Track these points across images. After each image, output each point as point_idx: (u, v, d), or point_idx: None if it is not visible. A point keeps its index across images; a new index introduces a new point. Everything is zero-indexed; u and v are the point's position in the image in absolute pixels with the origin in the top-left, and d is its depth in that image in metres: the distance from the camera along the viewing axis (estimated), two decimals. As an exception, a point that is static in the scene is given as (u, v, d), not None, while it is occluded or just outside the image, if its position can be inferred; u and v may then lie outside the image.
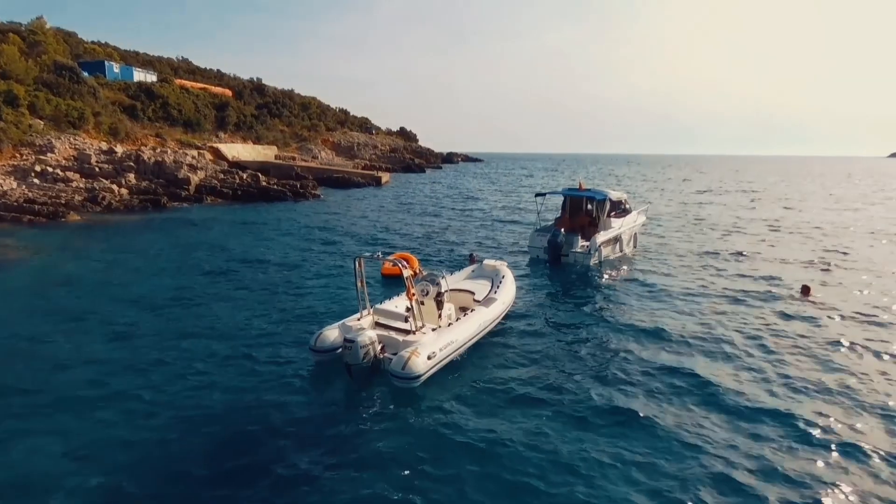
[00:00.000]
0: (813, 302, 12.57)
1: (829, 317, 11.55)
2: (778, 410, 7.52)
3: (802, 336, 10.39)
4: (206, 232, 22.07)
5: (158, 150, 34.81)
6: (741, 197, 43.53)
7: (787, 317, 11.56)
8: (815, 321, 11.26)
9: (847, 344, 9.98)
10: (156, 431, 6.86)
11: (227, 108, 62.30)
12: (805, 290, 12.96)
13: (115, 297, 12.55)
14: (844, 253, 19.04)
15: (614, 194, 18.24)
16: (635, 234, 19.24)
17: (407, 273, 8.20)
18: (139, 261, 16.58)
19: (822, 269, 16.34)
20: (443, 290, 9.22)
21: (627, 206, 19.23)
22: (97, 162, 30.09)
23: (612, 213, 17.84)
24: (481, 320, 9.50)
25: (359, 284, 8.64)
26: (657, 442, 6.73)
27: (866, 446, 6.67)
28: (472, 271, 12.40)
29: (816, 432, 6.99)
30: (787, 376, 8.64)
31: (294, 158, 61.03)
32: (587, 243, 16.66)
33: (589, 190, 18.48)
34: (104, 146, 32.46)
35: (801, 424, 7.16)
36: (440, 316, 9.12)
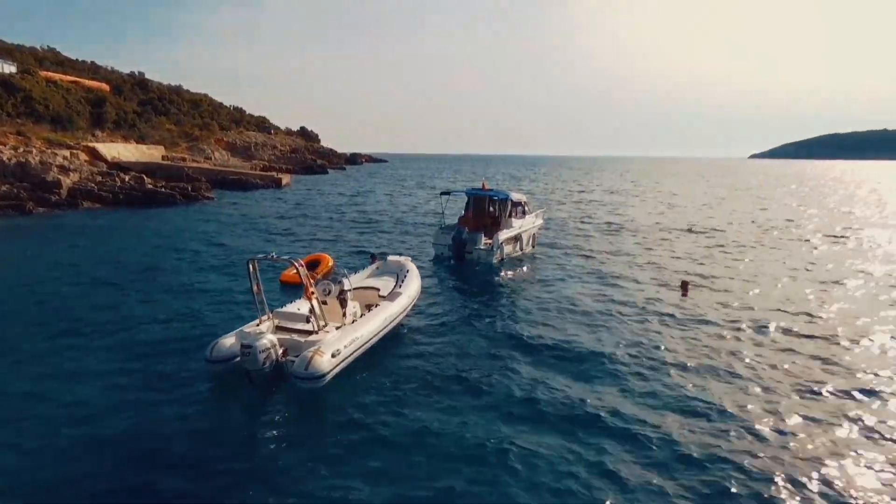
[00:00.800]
0: (692, 298, 13.61)
1: (704, 315, 12.23)
2: (645, 421, 7.41)
3: (679, 336, 10.90)
4: (80, 240, 20.02)
5: (21, 150, 31.01)
6: (626, 197, 47.03)
7: (667, 315, 12.17)
8: (692, 319, 12.00)
9: (720, 343, 10.59)
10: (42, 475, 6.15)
11: (105, 104, 56.99)
12: (684, 287, 14.10)
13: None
14: (723, 250, 20.90)
15: (515, 195, 19.00)
16: (534, 234, 20.15)
17: (304, 271, 8.01)
18: None
19: (701, 265, 17.79)
20: (346, 289, 9.16)
21: (527, 207, 20.06)
22: (-57, 163, 26.26)
23: (513, 214, 18.54)
24: (386, 315, 9.56)
25: (254, 289, 8.30)
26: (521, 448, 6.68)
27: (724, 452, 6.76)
28: (377, 268, 12.45)
29: (686, 441, 6.93)
30: (665, 383, 8.70)
31: (184, 159, 57.08)
32: (490, 241, 17.20)
33: (492, 190, 19.09)
34: (-49, 145, 28.41)
35: (673, 436, 7.04)
36: (344, 314, 9.06)
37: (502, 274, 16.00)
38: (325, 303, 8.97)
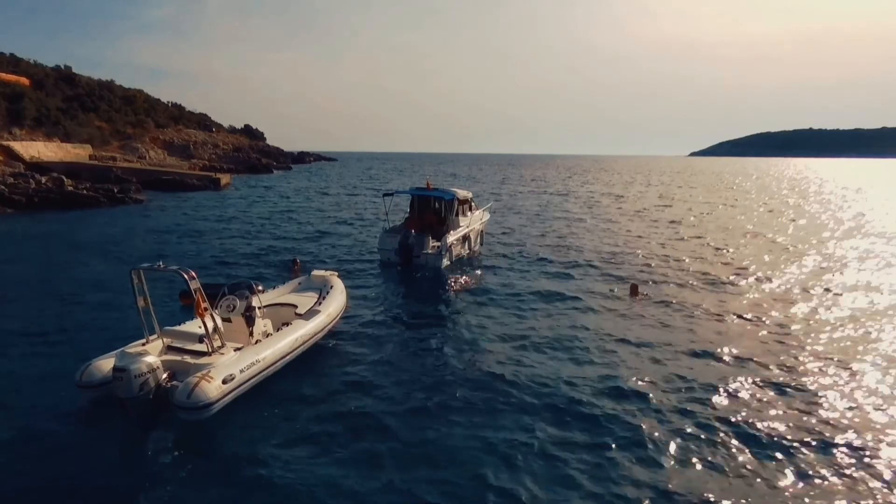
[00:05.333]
0: (642, 300, 13.14)
1: (656, 317, 11.85)
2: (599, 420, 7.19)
3: (631, 340, 10.39)
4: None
5: (-83, 149, 27.88)
6: (571, 195, 47.26)
7: (618, 318, 11.70)
8: (644, 320, 11.60)
9: (678, 347, 10.14)
10: None
11: (23, 100, 52.79)
12: (634, 290, 13.64)
13: None
14: (669, 246, 20.78)
15: (461, 193, 18.19)
16: (481, 231, 19.45)
17: (195, 284, 6.90)
18: None
19: (648, 266, 17.23)
20: (254, 305, 8.05)
21: (473, 204, 19.32)
22: None
23: (459, 213, 17.74)
24: (297, 335, 8.43)
25: (140, 303, 7.14)
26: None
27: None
28: (300, 283, 11.25)
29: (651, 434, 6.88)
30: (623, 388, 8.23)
31: (114, 159, 53.64)
32: (438, 244, 16.33)
33: (437, 189, 18.20)
34: None
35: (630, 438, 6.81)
36: (251, 334, 7.94)
37: (451, 279, 15.07)
38: (228, 320, 7.90)
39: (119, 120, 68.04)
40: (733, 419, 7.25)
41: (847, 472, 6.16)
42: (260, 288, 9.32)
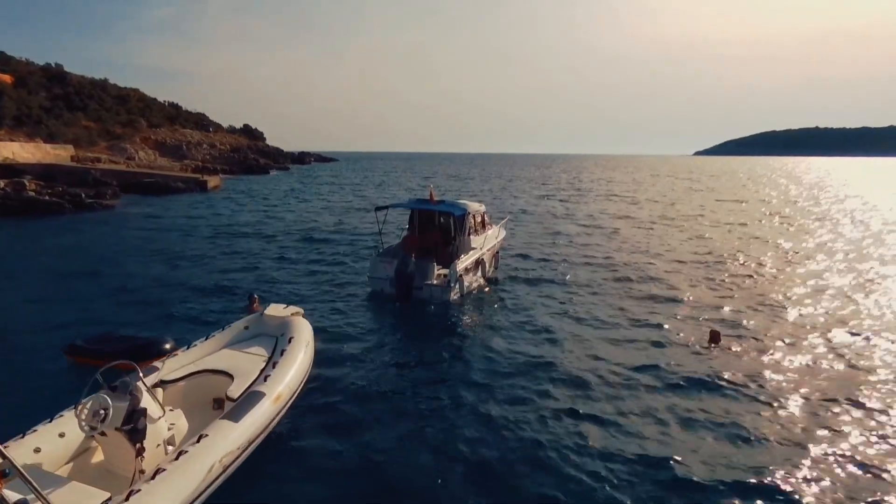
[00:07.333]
0: (725, 350, 9.87)
1: (747, 375, 8.71)
2: None
3: (727, 415, 7.55)
4: None
5: None
6: (589, 198, 43.81)
7: (701, 384, 8.46)
8: (736, 384, 8.40)
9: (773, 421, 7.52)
10: None
11: (2, 98, 49.97)
12: (714, 337, 10.34)
13: None
14: (747, 276, 16.50)
15: (473, 206, 14.81)
16: (497, 252, 16.14)
17: None
18: None
19: (730, 302, 13.04)
20: (142, 406, 4.69)
21: (487, 219, 16.00)
22: None
23: (472, 232, 14.40)
24: (215, 459, 4.80)
25: None
26: None
27: None
28: (246, 327, 7.63)
29: None
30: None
31: (99, 160, 50.58)
32: (445, 272, 13.07)
33: (443, 202, 14.82)
34: None
35: None
36: (139, 453, 4.59)
37: (464, 320, 11.79)
38: (103, 434, 4.63)
39: (109, 119, 65.41)
40: None
41: None
42: (168, 346, 5.86)
